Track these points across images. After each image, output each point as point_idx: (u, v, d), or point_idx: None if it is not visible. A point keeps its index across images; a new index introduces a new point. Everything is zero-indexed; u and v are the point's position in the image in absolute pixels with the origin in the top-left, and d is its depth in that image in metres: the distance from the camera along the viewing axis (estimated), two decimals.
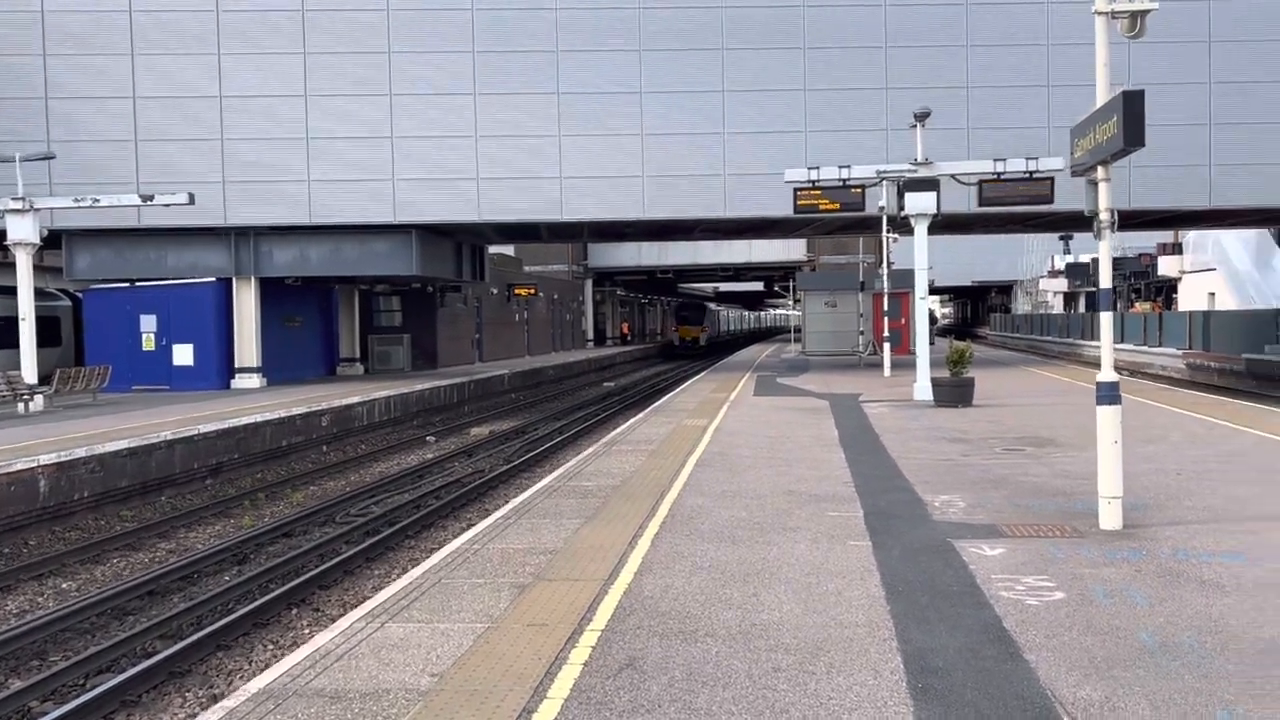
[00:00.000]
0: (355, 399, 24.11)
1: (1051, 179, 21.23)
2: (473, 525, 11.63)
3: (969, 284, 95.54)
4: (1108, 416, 9.03)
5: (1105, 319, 9.44)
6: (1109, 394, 9.05)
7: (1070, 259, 72.32)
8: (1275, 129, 26.99)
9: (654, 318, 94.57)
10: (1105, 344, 9.37)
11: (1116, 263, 68.20)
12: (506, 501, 13.12)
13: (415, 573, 8.26)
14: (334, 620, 9.02)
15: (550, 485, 12.37)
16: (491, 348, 44.19)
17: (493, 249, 42.91)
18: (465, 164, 27.57)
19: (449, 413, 29.19)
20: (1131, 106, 8.31)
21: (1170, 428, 16.95)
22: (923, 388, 21.46)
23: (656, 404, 23.99)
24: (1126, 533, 8.93)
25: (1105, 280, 9.54)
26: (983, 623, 6.49)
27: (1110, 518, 9.07)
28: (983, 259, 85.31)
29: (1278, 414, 20.15)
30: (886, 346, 30.03)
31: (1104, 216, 9.22)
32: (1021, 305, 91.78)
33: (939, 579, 7.56)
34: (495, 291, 44.64)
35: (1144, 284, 65.08)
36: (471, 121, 27.42)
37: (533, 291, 48.13)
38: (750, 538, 9.03)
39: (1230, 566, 7.73)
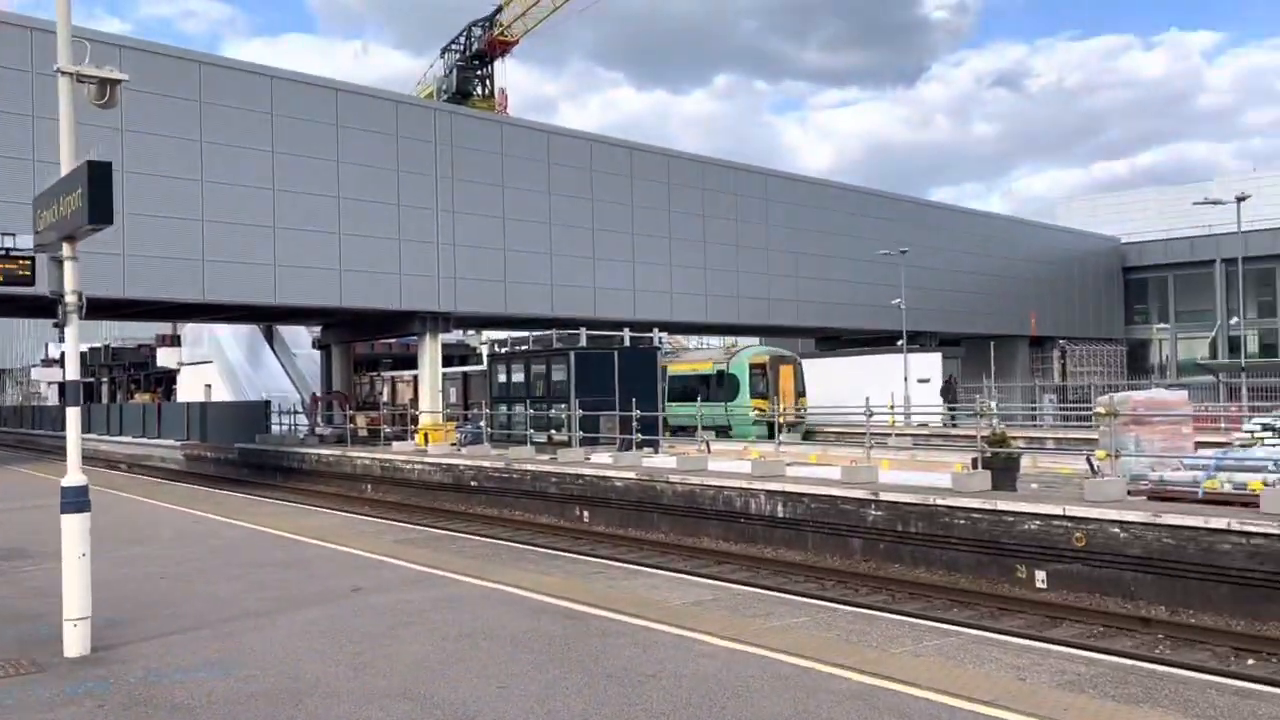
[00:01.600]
0: None
1: (34, 259, 19.26)
2: None
3: None
4: (74, 526, 7.89)
5: (72, 415, 8.32)
6: (75, 500, 7.91)
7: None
8: (261, 230, 28.74)
9: None
10: (73, 443, 8.23)
11: (116, 353, 66.87)
12: None
13: None
14: None
15: None
16: None
17: None
18: None
19: None
20: (98, 178, 7.46)
21: (161, 525, 16.33)
22: None
23: None
24: (96, 658, 7.84)
25: (72, 371, 8.45)
26: None
27: (76, 643, 7.88)
28: None
29: (266, 503, 20.99)
30: None
31: (70, 299, 8.20)
32: (12, 396, 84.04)
33: None
34: None
35: (144, 375, 64.54)
36: None
37: None
38: None
39: (206, 682, 7.16)
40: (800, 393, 36.70)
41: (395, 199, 31.67)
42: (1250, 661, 10.21)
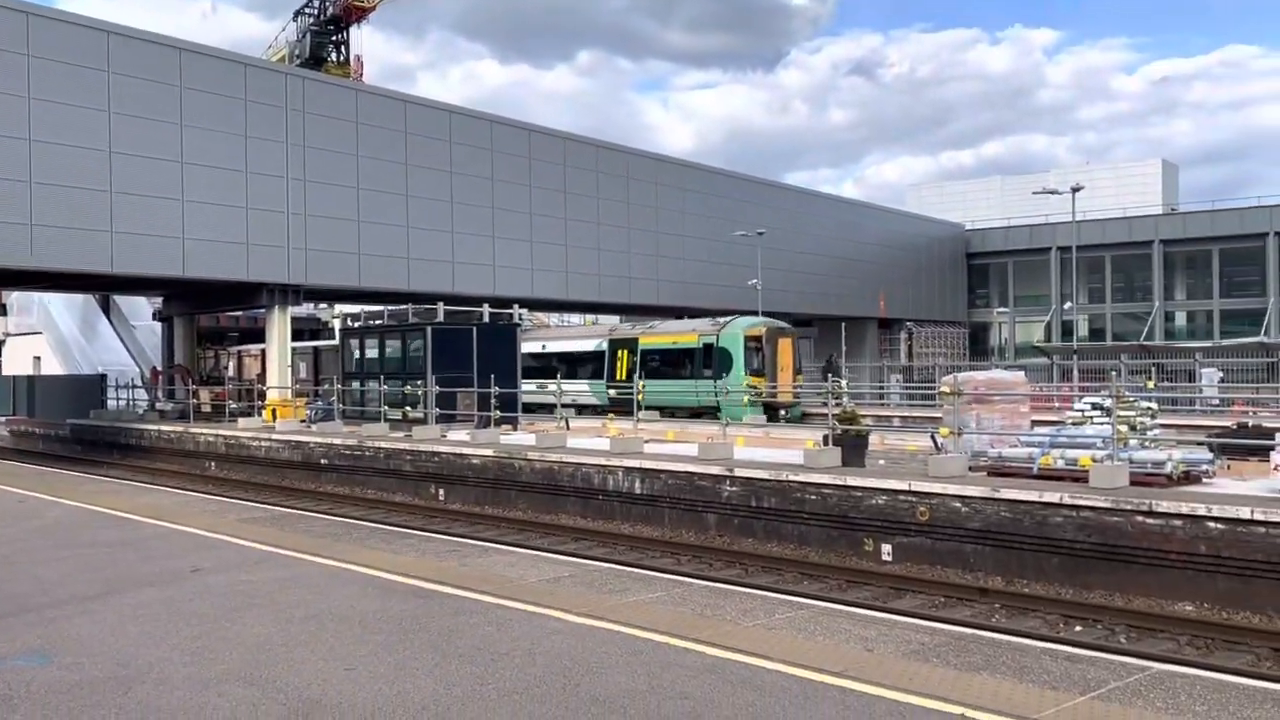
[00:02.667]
0: None
1: None
2: None
3: None
4: None
5: None
6: None
7: None
8: (96, 195, 27.14)
9: None
10: None
11: None
12: None
13: None
14: None
15: None
16: None
17: None
18: None
19: None
20: None
21: None
22: None
23: None
24: None
25: None
26: None
27: None
28: None
29: (100, 482, 19.95)
30: None
31: None
32: None
33: None
34: None
35: None
36: None
37: None
38: None
39: (25, 671, 6.69)
40: (799, 369, 34.05)
41: (243, 165, 30.38)
42: (1078, 628, 10.75)
